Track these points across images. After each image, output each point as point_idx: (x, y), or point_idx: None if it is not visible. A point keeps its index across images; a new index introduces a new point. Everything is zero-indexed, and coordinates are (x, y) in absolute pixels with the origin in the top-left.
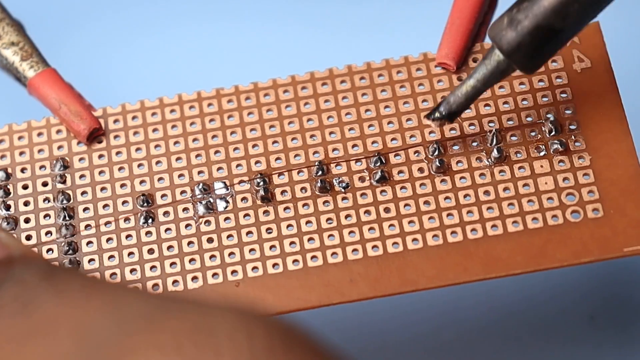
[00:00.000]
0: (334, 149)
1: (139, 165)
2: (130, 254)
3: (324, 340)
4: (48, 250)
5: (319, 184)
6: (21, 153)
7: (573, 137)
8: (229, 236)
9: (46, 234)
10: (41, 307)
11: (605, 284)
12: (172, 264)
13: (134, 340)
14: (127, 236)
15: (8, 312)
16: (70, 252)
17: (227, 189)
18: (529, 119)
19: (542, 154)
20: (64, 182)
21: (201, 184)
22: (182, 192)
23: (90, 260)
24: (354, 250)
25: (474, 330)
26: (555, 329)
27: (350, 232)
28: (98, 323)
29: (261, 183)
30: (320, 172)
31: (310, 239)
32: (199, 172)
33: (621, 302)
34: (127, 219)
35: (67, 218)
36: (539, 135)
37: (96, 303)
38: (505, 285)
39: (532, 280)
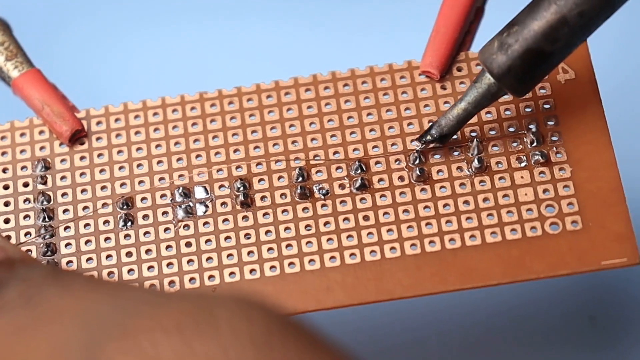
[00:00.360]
0: (315, 155)
1: (120, 168)
2: (108, 256)
3: (319, 330)
4: (27, 251)
5: (298, 190)
6: (3, 153)
7: (555, 148)
8: (207, 241)
9: (25, 234)
10: (46, 299)
11: (605, 284)
12: (149, 267)
13: (136, 322)
14: (106, 239)
15: (13, 306)
16: (49, 253)
17: (207, 194)
18: (511, 129)
19: (523, 164)
20: (44, 183)
21: (181, 188)
22: (162, 195)
23: (68, 262)
24: (332, 257)
25: (474, 331)
26: (555, 329)
27: (328, 240)
28: (102, 310)
29: (241, 188)
30: (300, 179)
31: (288, 246)
32: (180, 176)
33: (621, 302)
34: (106, 222)
35: (46, 219)
36: (521, 146)
37: (99, 295)
38: (505, 286)
39: (532, 282)
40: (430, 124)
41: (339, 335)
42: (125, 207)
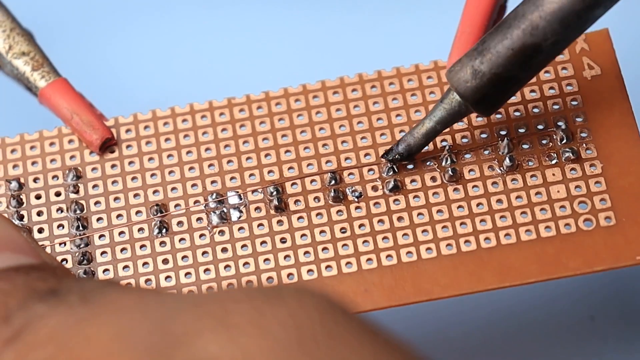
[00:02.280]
0: (346, 158)
1: (152, 175)
2: (144, 264)
3: (386, 330)
4: (62, 261)
5: (332, 194)
6: (33, 163)
7: (584, 144)
8: (243, 246)
9: (60, 244)
10: (105, 298)
11: (605, 284)
12: (187, 274)
13: (206, 299)
14: (141, 246)
15: (72, 304)
16: (85, 262)
17: (241, 199)
18: (540, 126)
19: (553, 162)
20: (77, 192)
21: (214, 194)
22: (196, 201)
23: (104, 271)
24: (368, 259)
25: (474, 331)
26: (555, 329)
27: (364, 242)
28: (164, 302)
29: (274, 192)
30: (333, 182)
31: (324, 249)
32: (212, 182)
33: (621, 302)
34: (140, 229)
35: (80, 228)
36: (551, 143)
37: (158, 294)
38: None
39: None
40: (397, 141)
41: None
42: (159, 214)
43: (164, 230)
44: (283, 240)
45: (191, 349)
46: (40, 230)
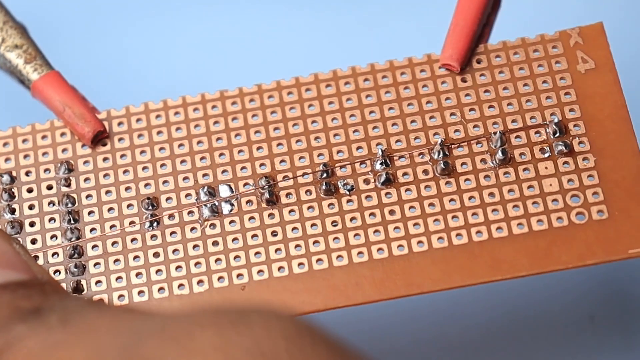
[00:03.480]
0: (338, 151)
1: (144, 168)
2: (135, 257)
3: (345, 340)
4: (53, 254)
5: (323, 187)
6: (25, 156)
7: (577, 138)
8: (234, 239)
9: (51, 237)
10: (82, 320)
11: (605, 284)
12: (177, 267)
13: (174, 324)
14: (133, 239)
15: (51, 326)
16: (76, 255)
17: (232, 192)
18: (533, 120)
19: (546, 155)
20: (68, 186)
21: (206, 187)
22: (187, 195)
23: (95, 264)
24: (359, 253)
25: (474, 330)
26: (555, 329)
27: (355, 235)
28: (137, 323)
29: (266, 186)
30: (325, 175)
31: (315, 242)
32: (204, 175)
33: (621, 302)
34: (132, 223)
35: (72, 221)
36: (543, 137)
37: (135, 314)
38: (506, 285)
39: (532, 281)
40: None
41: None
42: (150, 207)
43: (155, 224)
44: (274, 234)
45: None
46: (32, 224)
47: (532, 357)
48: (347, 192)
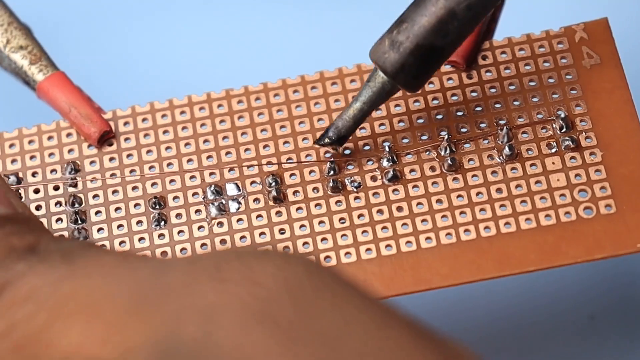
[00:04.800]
0: (345, 149)
1: (150, 168)
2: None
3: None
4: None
5: (331, 184)
6: (32, 157)
7: (584, 133)
8: (241, 237)
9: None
10: (86, 257)
11: (605, 284)
12: None
13: (199, 260)
14: (140, 239)
15: (54, 263)
16: None
17: (239, 190)
18: (540, 115)
19: (553, 150)
20: (75, 186)
21: (213, 186)
22: (194, 194)
23: None
24: (368, 249)
25: (473, 330)
26: (555, 328)
27: (363, 232)
28: (159, 261)
29: (273, 184)
30: (332, 172)
31: (323, 239)
32: (211, 174)
33: (621, 301)
34: (139, 222)
35: (79, 222)
36: (550, 132)
37: (145, 258)
38: (505, 284)
39: (532, 279)
40: (328, 126)
41: None
42: (157, 206)
43: (162, 223)
44: (282, 231)
45: (187, 296)
46: None
47: (532, 356)
48: (355, 189)
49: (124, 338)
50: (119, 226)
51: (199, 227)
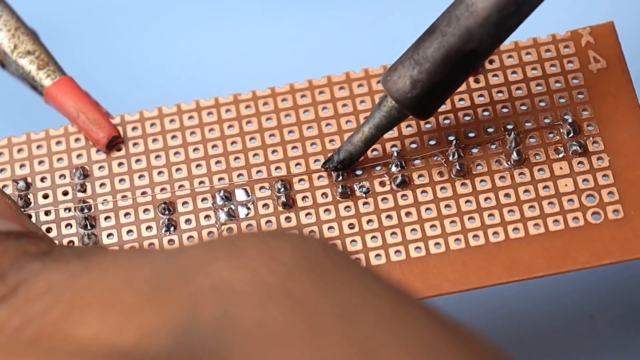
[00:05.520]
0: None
1: (159, 173)
2: None
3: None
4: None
5: (339, 190)
6: (40, 162)
7: (591, 138)
8: None
9: (68, 243)
10: (100, 255)
11: (606, 284)
12: None
13: (214, 240)
14: (150, 244)
15: (69, 259)
16: None
17: (248, 196)
18: (547, 120)
19: (561, 155)
20: (84, 191)
21: (222, 191)
22: (204, 199)
23: None
24: (377, 255)
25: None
26: (555, 328)
27: (372, 237)
28: (175, 250)
29: (282, 189)
30: (340, 178)
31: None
32: (219, 179)
33: (621, 301)
34: (149, 227)
35: (89, 227)
36: (558, 137)
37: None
38: (505, 286)
39: (531, 282)
40: (337, 149)
41: None
42: (167, 212)
43: (172, 228)
44: None
45: (203, 274)
46: (49, 230)
47: (532, 356)
48: (363, 195)
49: (141, 323)
50: (129, 232)
51: (209, 233)
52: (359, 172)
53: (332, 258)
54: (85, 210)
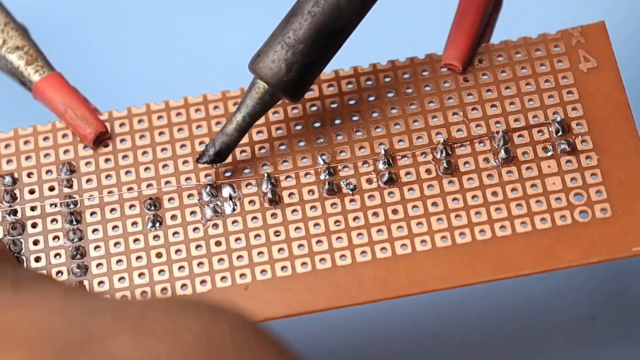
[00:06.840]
0: (341, 151)
1: (146, 169)
2: (138, 258)
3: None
4: (56, 255)
5: (326, 186)
6: (27, 158)
7: (580, 137)
8: (237, 239)
9: (53, 238)
10: (37, 285)
11: (606, 284)
12: (180, 267)
13: (128, 307)
14: (135, 240)
15: (3, 287)
16: (78, 256)
17: (235, 192)
18: (536, 119)
19: (549, 154)
20: (70, 187)
21: (208, 187)
22: (190, 195)
23: (98, 265)
24: (363, 252)
25: (474, 330)
26: (555, 329)
27: (358, 234)
28: (97, 300)
29: (269, 186)
30: (327, 175)
31: (318, 242)
32: (206, 175)
33: (621, 302)
34: (134, 223)
35: (74, 223)
36: (546, 136)
37: (93, 293)
38: (506, 285)
39: (532, 281)
40: (211, 141)
41: (338, 338)
42: (152, 208)
43: (157, 224)
44: (277, 234)
45: (105, 346)
46: (34, 225)
47: (532, 356)
48: (350, 192)
49: None
50: (114, 227)
51: (194, 229)
52: (346, 169)
53: (238, 341)
54: (71, 206)
